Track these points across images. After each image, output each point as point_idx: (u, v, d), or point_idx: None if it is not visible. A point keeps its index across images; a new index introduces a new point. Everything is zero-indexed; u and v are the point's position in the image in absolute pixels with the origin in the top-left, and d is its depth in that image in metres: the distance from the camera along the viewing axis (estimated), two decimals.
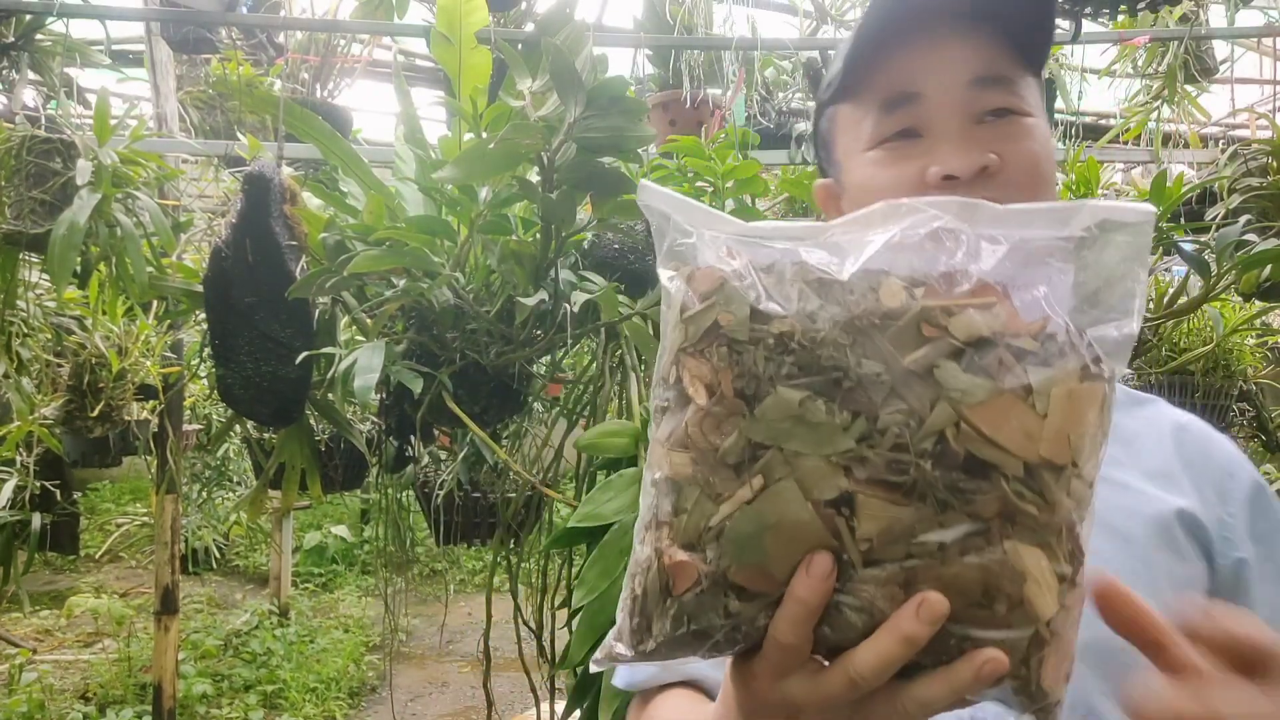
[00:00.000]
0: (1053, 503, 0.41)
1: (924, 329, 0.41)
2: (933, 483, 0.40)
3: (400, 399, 1.70)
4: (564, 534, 1.41)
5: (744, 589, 0.43)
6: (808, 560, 0.42)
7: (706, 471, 0.43)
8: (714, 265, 0.44)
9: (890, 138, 0.73)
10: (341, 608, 5.65)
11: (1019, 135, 0.71)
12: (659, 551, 0.44)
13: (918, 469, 0.40)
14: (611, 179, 1.41)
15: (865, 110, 0.74)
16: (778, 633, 0.43)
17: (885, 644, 0.42)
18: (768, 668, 0.46)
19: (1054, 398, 0.40)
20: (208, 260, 1.72)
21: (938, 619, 0.41)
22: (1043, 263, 0.42)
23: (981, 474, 0.40)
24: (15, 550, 3.02)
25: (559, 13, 1.40)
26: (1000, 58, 0.72)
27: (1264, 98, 4.09)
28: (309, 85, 2.92)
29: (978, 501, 0.40)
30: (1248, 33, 2.91)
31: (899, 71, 0.72)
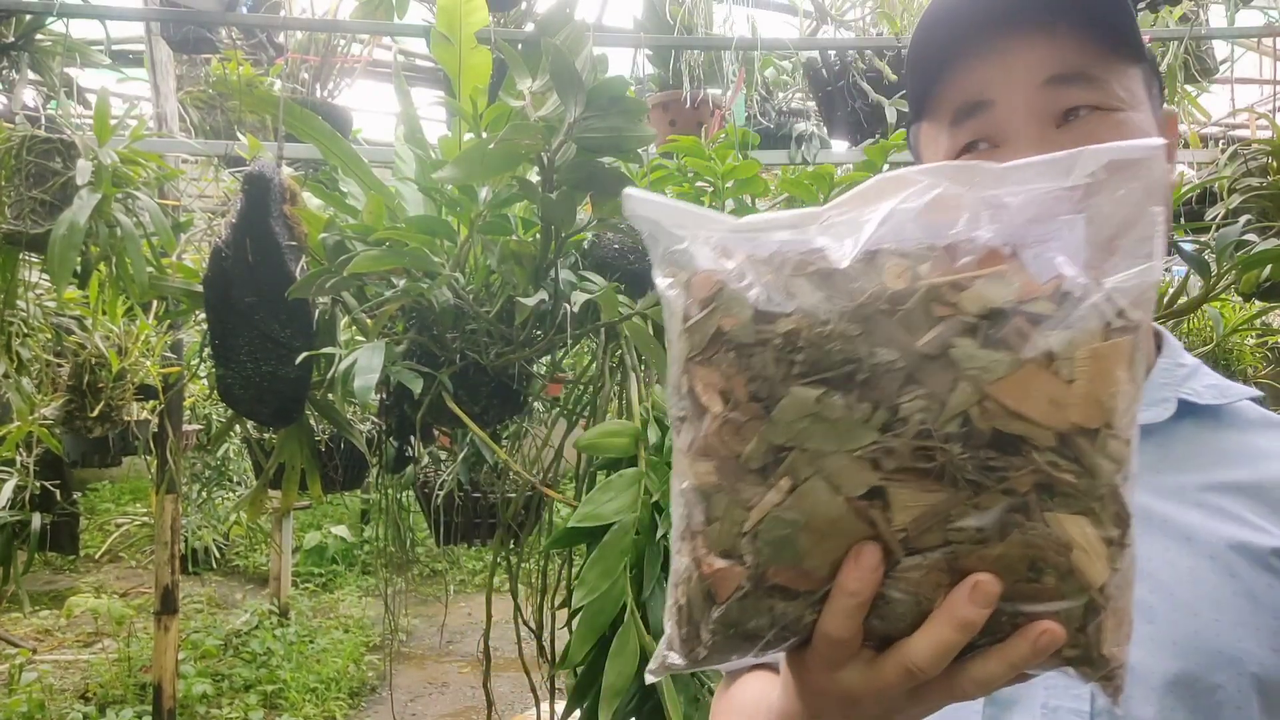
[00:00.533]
0: (1091, 468, 0.40)
1: (934, 308, 0.39)
2: (962, 465, 0.39)
3: (400, 399, 1.71)
4: (564, 534, 1.41)
5: (786, 589, 0.43)
6: (856, 552, 0.41)
7: (732, 479, 0.42)
8: (710, 269, 0.43)
9: (964, 150, 0.69)
10: (341, 608, 5.65)
11: (1104, 133, 0.65)
12: (697, 560, 0.44)
13: (945, 453, 0.39)
14: (611, 179, 1.41)
15: (940, 126, 0.71)
16: (828, 627, 0.43)
17: (941, 631, 0.41)
18: (820, 661, 0.45)
19: (1078, 360, 0.39)
20: (208, 260, 1.72)
21: (991, 600, 0.40)
22: (1050, 218, 0.41)
23: (1012, 449, 0.39)
24: (15, 550, 3.02)
25: (559, 13, 1.40)
26: (1080, 51, 0.66)
27: (1264, 98, 4.09)
28: (309, 85, 2.92)
29: (1012, 477, 0.39)
30: (1248, 33, 2.91)
31: (967, 80, 0.68)
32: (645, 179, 1.67)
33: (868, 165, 1.90)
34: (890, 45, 2.42)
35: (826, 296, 0.41)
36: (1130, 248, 0.40)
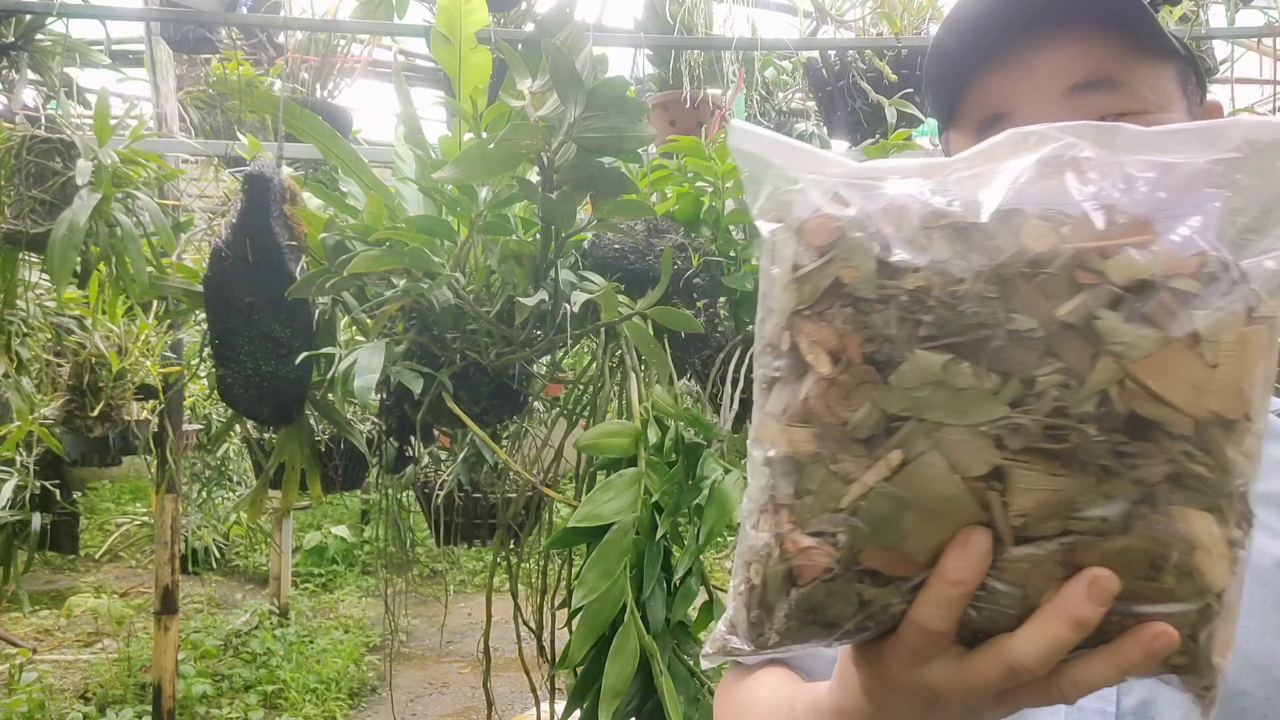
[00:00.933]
0: (1225, 462, 0.37)
1: (1078, 275, 0.36)
2: (1095, 448, 0.36)
3: (400, 399, 1.70)
4: (564, 534, 1.41)
5: (879, 573, 0.39)
6: (963, 538, 0.38)
7: (833, 448, 0.38)
8: (830, 213, 0.39)
9: None
10: (341, 608, 5.65)
11: None
12: (780, 537, 0.40)
13: (1079, 434, 0.36)
14: (611, 179, 1.41)
15: (965, 138, 0.68)
16: (923, 618, 0.40)
17: (1052, 628, 0.38)
18: (905, 653, 0.42)
19: (1223, 344, 0.36)
20: (208, 260, 1.72)
21: (1109, 598, 0.37)
22: (1193, 190, 0.37)
23: (1148, 435, 0.36)
24: (15, 550, 3.02)
25: (559, 13, 1.40)
26: (1104, 55, 0.63)
27: (1264, 98, 4.09)
28: (309, 85, 2.92)
29: (1143, 466, 0.36)
30: (1248, 33, 2.91)
31: (991, 92, 0.66)
32: (645, 179, 1.67)
33: None
34: (890, 45, 2.42)
35: (961, 253, 0.37)
36: (1272, 230, 0.38)
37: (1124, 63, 0.64)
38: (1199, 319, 0.36)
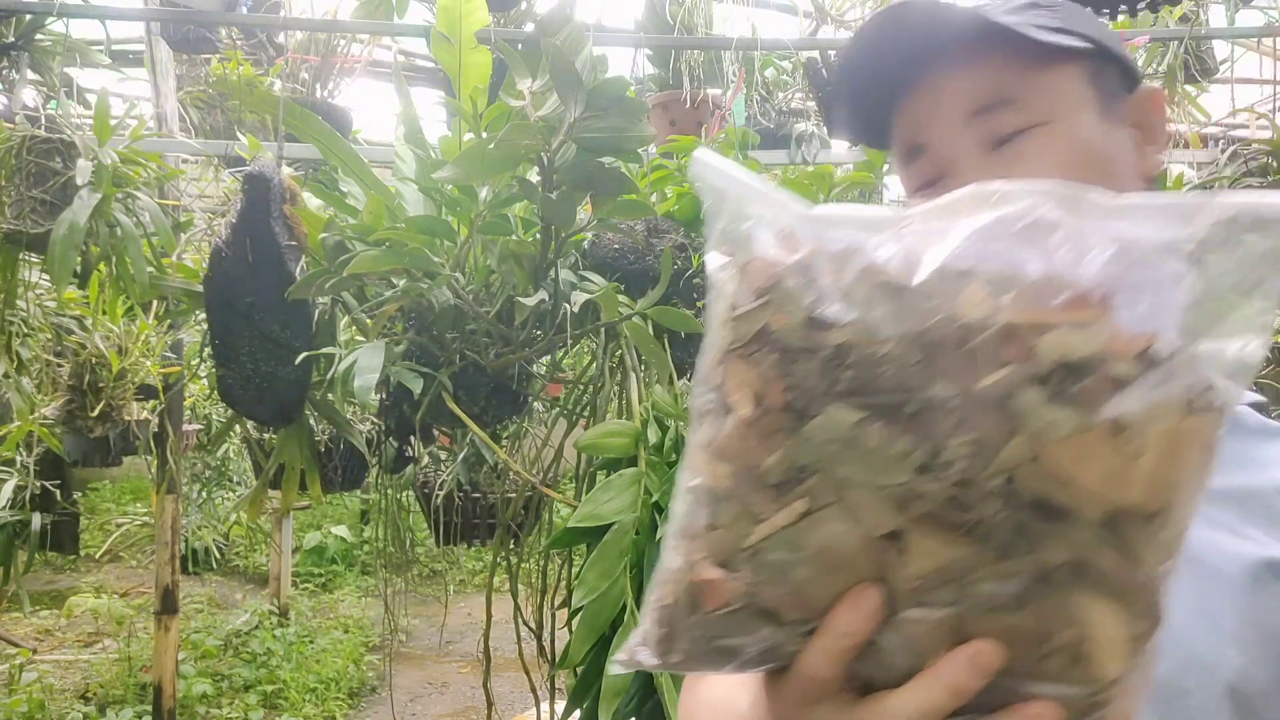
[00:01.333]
0: (1134, 555, 0.36)
1: (1006, 348, 0.35)
2: (998, 524, 0.36)
3: (400, 399, 1.70)
4: (564, 534, 1.41)
5: (777, 613, 0.40)
6: (856, 593, 0.39)
7: (747, 488, 0.39)
8: (770, 258, 0.39)
9: (920, 188, 0.70)
10: (341, 608, 5.65)
11: (1036, 152, 0.65)
12: (691, 564, 0.41)
13: (982, 508, 0.36)
14: (611, 179, 1.41)
15: (899, 163, 0.72)
16: (810, 665, 0.41)
17: (930, 693, 0.39)
18: (795, 694, 0.43)
19: (1152, 435, 0.35)
20: (208, 260, 1.72)
21: (990, 672, 0.38)
22: (1155, 266, 0.36)
23: (1055, 517, 0.36)
24: (15, 550, 3.02)
25: (559, 13, 1.40)
26: (999, 74, 0.66)
27: (1264, 98, 4.09)
28: (309, 85, 2.92)
29: (1045, 548, 0.36)
30: (1248, 33, 2.91)
31: (904, 124, 0.69)
32: (645, 179, 1.67)
33: (868, 165, 1.91)
34: None
35: (892, 313, 0.37)
36: (1237, 316, 0.36)
37: (1020, 77, 0.65)
38: (1129, 405, 0.34)
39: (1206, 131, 3.88)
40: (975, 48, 0.66)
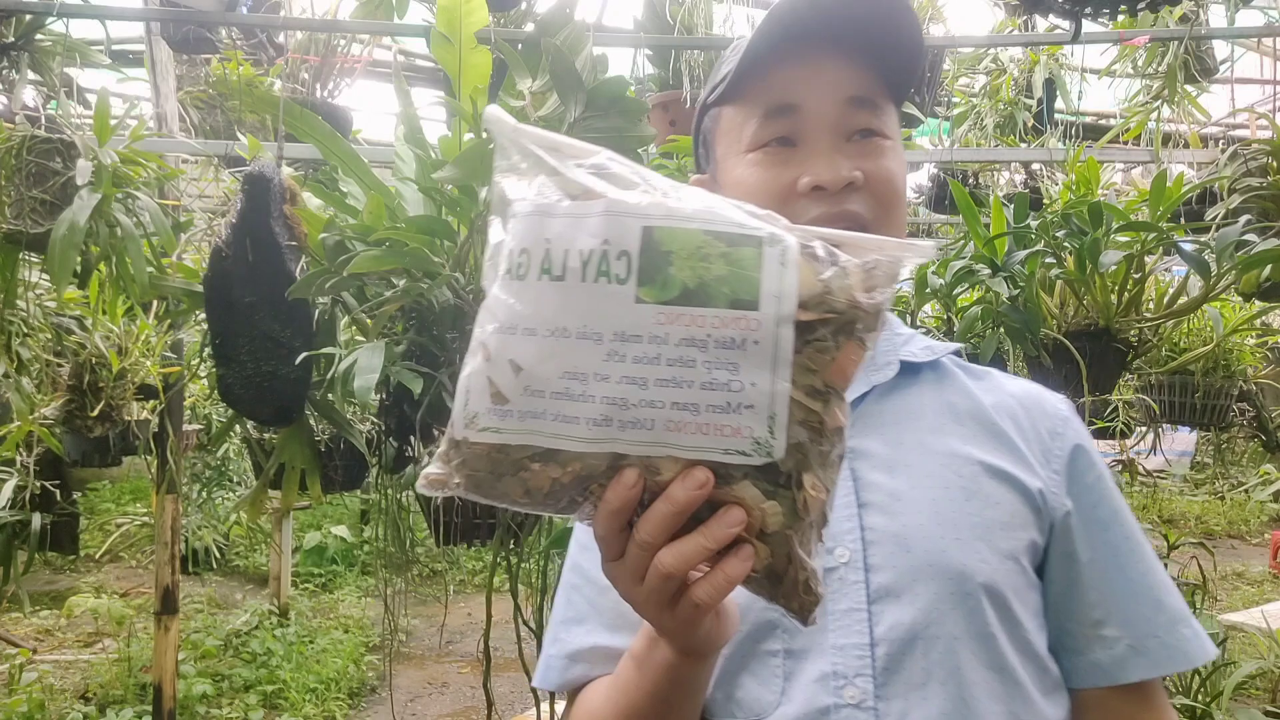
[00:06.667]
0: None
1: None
2: None
3: (400, 399, 1.70)
4: (564, 534, 1.41)
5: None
6: (619, 472, 0.52)
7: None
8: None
9: (769, 143, 0.80)
10: (341, 608, 5.65)
11: (882, 154, 0.80)
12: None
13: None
14: None
15: (748, 115, 0.81)
16: (596, 523, 0.55)
17: (657, 505, 0.52)
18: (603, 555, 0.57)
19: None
20: (208, 260, 1.72)
21: (698, 485, 0.51)
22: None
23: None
24: (15, 550, 3.02)
25: (559, 13, 1.40)
26: (872, 84, 0.80)
27: (1264, 98, 4.09)
28: (309, 85, 2.92)
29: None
30: (1248, 33, 2.91)
31: (783, 83, 0.79)
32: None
33: None
34: None
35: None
36: None
37: (882, 94, 0.81)
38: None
39: (1206, 131, 3.88)
40: (856, 56, 0.79)
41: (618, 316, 0.50)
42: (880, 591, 0.74)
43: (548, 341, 0.51)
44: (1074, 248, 1.96)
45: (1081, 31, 2.14)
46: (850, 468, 0.78)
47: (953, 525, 0.76)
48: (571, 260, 0.51)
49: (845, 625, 0.73)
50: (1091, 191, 2.19)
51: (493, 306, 0.53)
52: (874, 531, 0.76)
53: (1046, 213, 2.09)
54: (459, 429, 0.53)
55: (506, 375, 0.52)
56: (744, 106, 0.82)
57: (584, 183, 0.54)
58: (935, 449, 0.80)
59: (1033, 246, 2.00)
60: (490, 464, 0.53)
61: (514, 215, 0.54)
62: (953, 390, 0.85)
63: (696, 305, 0.50)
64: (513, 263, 0.53)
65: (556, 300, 0.51)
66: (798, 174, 0.78)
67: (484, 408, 0.52)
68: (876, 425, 0.81)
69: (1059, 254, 2.01)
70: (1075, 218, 1.95)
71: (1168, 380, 2.65)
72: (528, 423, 0.52)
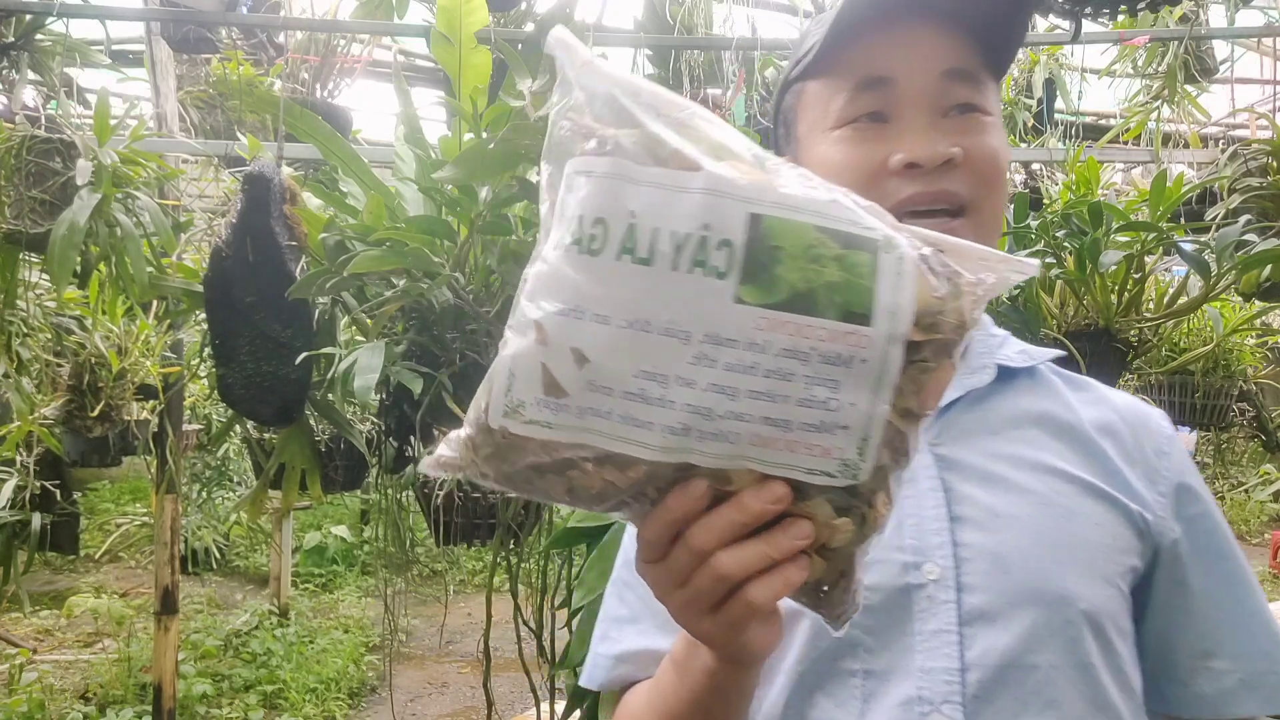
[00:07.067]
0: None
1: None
2: None
3: (400, 399, 1.70)
4: (564, 534, 1.41)
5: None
6: (686, 481, 0.48)
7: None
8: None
9: (858, 119, 0.74)
10: (341, 608, 5.65)
11: (982, 131, 0.74)
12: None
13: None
14: None
15: (836, 89, 0.75)
16: (644, 527, 0.51)
17: (724, 510, 0.49)
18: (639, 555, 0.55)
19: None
20: (208, 260, 1.72)
21: (775, 499, 0.48)
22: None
23: None
24: (15, 550, 3.02)
25: (559, 13, 1.40)
26: (971, 56, 0.74)
27: (1264, 98, 4.09)
28: (309, 85, 2.92)
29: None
30: (1248, 33, 2.91)
31: (875, 55, 0.74)
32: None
33: None
34: None
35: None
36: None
37: (979, 68, 0.75)
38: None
39: (1206, 131, 3.88)
40: (952, 27, 0.74)
41: (712, 316, 0.44)
42: (973, 613, 0.69)
43: (624, 334, 0.44)
44: (1074, 248, 1.96)
45: (1081, 31, 2.14)
46: (941, 478, 0.73)
47: (1054, 547, 0.70)
48: (661, 242, 0.44)
49: (933, 647, 0.68)
50: (1091, 191, 2.19)
51: (552, 280, 0.46)
52: (968, 549, 0.70)
53: (1046, 213, 2.09)
54: (495, 416, 0.46)
55: (567, 365, 0.45)
56: (831, 80, 0.76)
57: (674, 145, 0.46)
58: (1032, 463, 0.74)
59: (1033, 246, 2.00)
60: (530, 458, 0.47)
61: (584, 172, 0.46)
62: (1051, 400, 0.79)
63: (804, 313, 0.44)
64: (583, 233, 0.45)
65: (639, 287, 0.44)
66: (890, 151, 0.72)
67: (533, 398, 0.45)
68: (969, 434, 0.76)
69: (1059, 254, 2.01)
70: (1075, 218, 1.95)
71: (1168, 380, 2.65)
72: (588, 421, 0.45)
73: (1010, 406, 0.78)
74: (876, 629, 0.70)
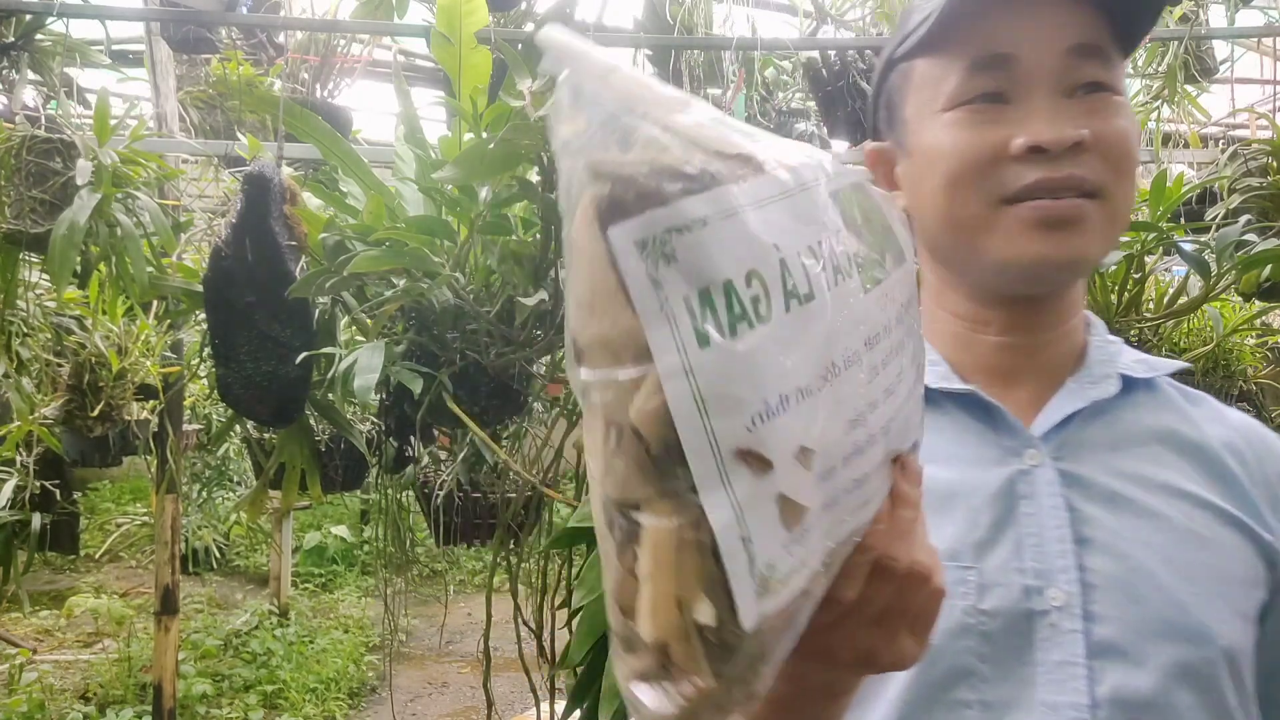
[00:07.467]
0: None
1: None
2: None
3: (400, 399, 1.70)
4: (564, 534, 1.41)
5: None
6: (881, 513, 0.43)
7: None
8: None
9: (974, 99, 0.68)
10: (341, 608, 5.65)
11: (1112, 112, 0.67)
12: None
13: None
14: None
15: (949, 68, 0.69)
16: (838, 590, 0.43)
17: (897, 513, 0.43)
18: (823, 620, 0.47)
19: None
20: (208, 260, 1.72)
21: (918, 476, 0.45)
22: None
23: None
24: (15, 550, 3.02)
25: (559, 13, 1.40)
26: (1100, 30, 0.68)
27: (1264, 98, 4.09)
28: (309, 85, 2.92)
29: None
30: (1248, 33, 2.91)
31: (994, 30, 0.67)
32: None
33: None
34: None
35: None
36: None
37: (1109, 43, 0.68)
38: None
39: (1206, 131, 3.88)
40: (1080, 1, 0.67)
41: (859, 318, 0.38)
42: (1103, 646, 0.63)
43: (825, 395, 0.35)
44: None
45: None
46: (1063, 495, 0.67)
47: (1190, 578, 0.65)
48: (811, 265, 0.35)
49: (1058, 680, 0.63)
50: None
51: (727, 392, 0.32)
52: (1095, 574, 0.65)
53: None
54: (748, 615, 0.31)
55: (799, 478, 0.33)
56: (943, 58, 0.69)
57: (734, 144, 0.35)
58: (1161, 484, 0.68)
59: None
60: (787, 624, 0.35)
61: (695, 223, 0.31)
62: (1173, 415, 0.73)
63: (890, 274, 0.41)
64: (741, 304, 0.32)
65: (815, 330, 0.35)
66: (1010, 134, 0.66)
67: (778, 546, 0.32)
68: (1092, 449, 0.70)
69: None
70: None
71: None
72: (828, 525, 0.35)
73: (1133, 420, 0.72)
74: (994, 657, 0.64)
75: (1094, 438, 0.70)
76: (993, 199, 0.67)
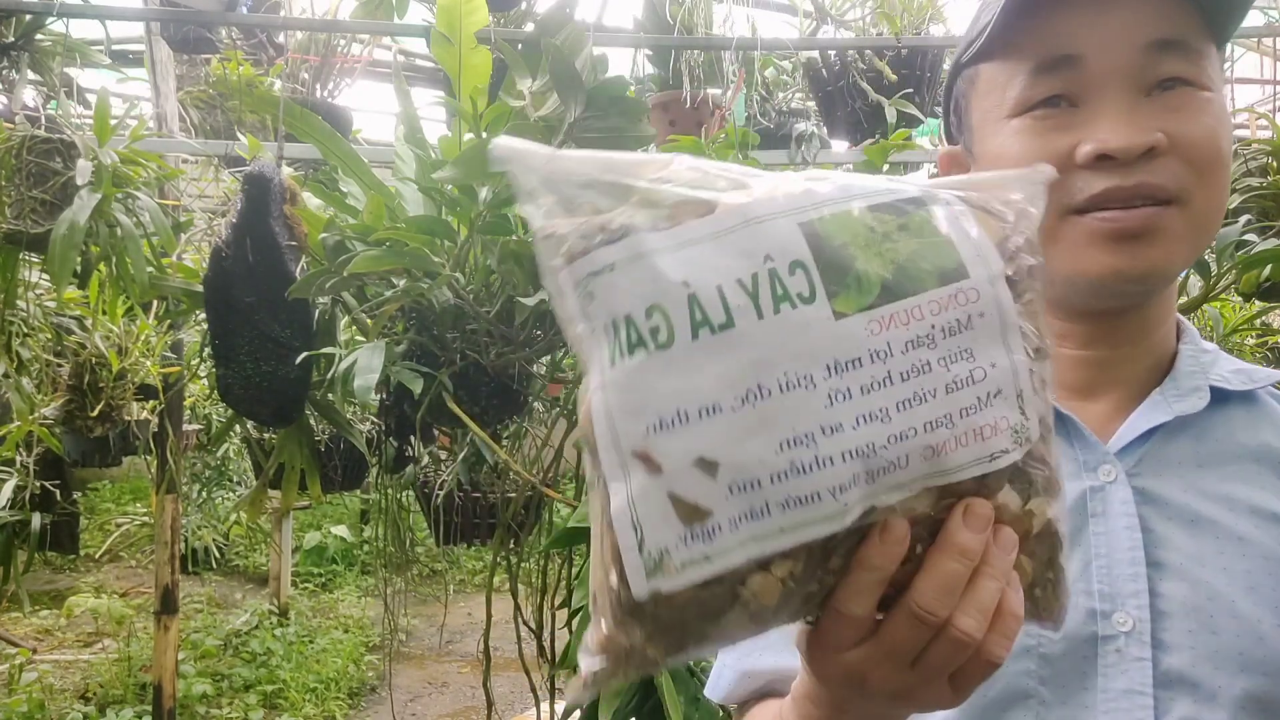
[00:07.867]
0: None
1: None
2: None
3: (400, 399, 1.71)
4: (564, 534, 1.41)
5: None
6: (881, 527, 0.40)
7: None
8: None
9: (1039, 104, 0.63)
10: (341, 608, 5.65)
11: (1195, 110, 0.61)
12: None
13: None
14: None
15: (1014, 72, 0.65)
16: (841, 603, 0.41)
17: (940, 563, 0.40)
18: (830, 642, 0.44)
19: None
20: (208, 260, 1.72)
21: (986, 523, 0.40)
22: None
23: None
24: (15, 550, 3.02)
25: (559, 13, 1.40)
26: (1184, 19, 0.61)
27: (1264, 98, 4.09)
28: (309, 85, 2.92)
29: None
30: (1248, 33, 2.91)
31: (1060, 29, 0.62)
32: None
33: (867, 165, 1.90)
34: (890, 45, 2.42)
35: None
36: None
37: (1195, 34, 0.62)
38: None
39: None
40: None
41: (823, 345, 0.39)
42: (1172, 676, 0.60)
43: (743, 414, 0.38)
44: None
45: None
46: (1139, 514, 0.63)
47: (1273, 608, 0.61)
48: (733, 296, 0.38)
49: (1121, 709, 0.60)
50: None
51: (631, 399, 0.39)
52: (1167, 600, 0.61)
53: None
54: (638, 585, 0.38)
55: (697, 481, 0.38)
56: (1008, 62, 0.65)
57: (676, 195, 0.41)
58: (1250, 507, 0.64)
59: None
60: (699, 608, 0.39)
61: (604, 269, 0.40)
62: (1272, 431, 0.67)
63: (906, 296, 0.40)
64: (638, 333, 0.39)
65: (735, 356, 0.38)
66: (1077, 140, 0.61)
67: (674, 538, 0.38)
68: (1175, 466, 0.65)
69: None
70: None
71: None
72: (747, 529, 0.38)
73: (1224, 436, 0.67)
74: (1054, 680, 0.62)
75: (1178, 454, 0.66)
76: (1060, 209, 0.62)
